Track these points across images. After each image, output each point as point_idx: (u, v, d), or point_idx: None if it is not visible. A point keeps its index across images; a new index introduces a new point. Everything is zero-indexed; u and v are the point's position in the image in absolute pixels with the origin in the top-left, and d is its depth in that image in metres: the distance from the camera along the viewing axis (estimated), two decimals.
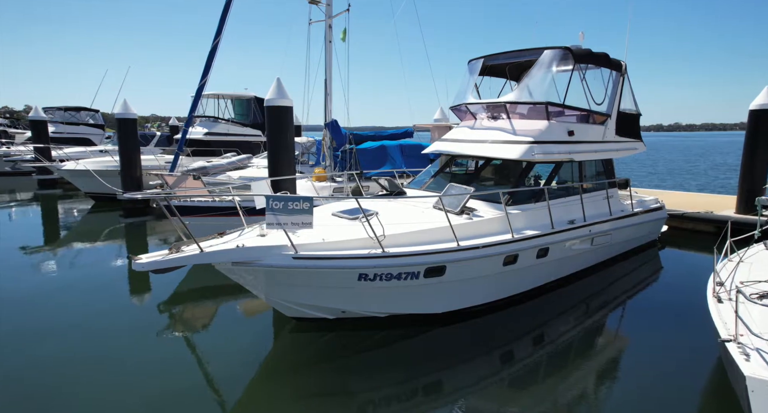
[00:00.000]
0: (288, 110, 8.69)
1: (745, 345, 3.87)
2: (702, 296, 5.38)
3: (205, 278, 9.42)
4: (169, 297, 8.42)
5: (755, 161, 11.88)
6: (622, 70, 9.24)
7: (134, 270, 5.10)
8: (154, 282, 9.21)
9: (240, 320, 7.58)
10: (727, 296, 5.10)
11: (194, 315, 7.70)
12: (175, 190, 9.84)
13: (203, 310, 7.91)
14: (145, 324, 7.15)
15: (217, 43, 10.31)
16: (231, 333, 6.93)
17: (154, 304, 8.08)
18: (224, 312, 7.84)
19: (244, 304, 8.07)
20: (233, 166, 16.32)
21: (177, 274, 9.83)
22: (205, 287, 8.95)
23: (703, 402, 5.25)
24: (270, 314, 7.70)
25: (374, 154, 12.40)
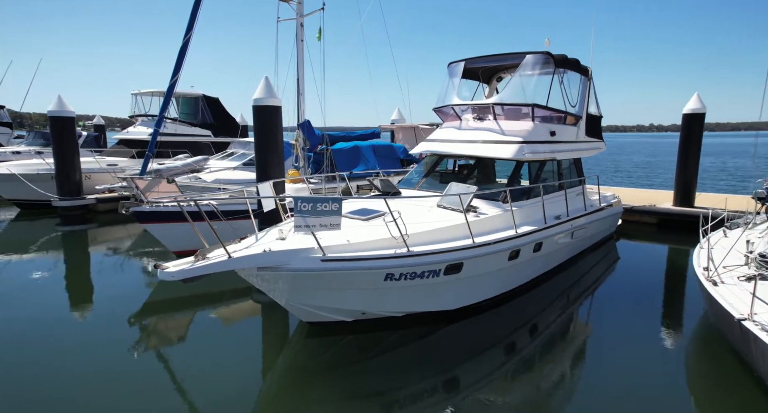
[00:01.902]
0: (277, 110, 8.41)
1: (762, 323, 4.38)
2: (657, 281, 5.95)
3: (170, 287, 8.86)
4: (139, 309, 7.86)
5: (688, 160, 13.34)
6: (589, 74, 9.99)
7: (161, 279, 4.73)
8: (115, 294, 8.56)
9: (227, 327, 7.25)
10: (719, 279, 5.71)
11: (169, 327, 7.22)
12: (183, 195, 9.17)
13: (180, 321, 7.44)
14: (118, 339, 6.59)
15: (188, 39, 9.70)
16: (229, 343, 6.59)
17: (123, 318, 7.42)
18: (207, 321, 7.45)
19: (226, 311, 7.76)
20: (189, 167, 15.43)
21: (140, 284, 9.18)
22: (176, 297, 8.43)
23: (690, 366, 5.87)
24: (257, 320, 7.52)
25: (348, 154, 12.33)
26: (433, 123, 15.11)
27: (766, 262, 5.93)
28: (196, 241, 9.90)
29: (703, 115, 13.08)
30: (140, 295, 8.57)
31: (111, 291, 8.72)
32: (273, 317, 7.60)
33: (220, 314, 7.66)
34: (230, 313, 7.70)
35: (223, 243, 5.06)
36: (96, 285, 9.12)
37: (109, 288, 8.87)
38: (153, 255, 10.89)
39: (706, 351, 6.45)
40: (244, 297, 8.28)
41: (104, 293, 8.61)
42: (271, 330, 7.17)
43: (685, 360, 6.13)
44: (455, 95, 9.41)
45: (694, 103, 13.08)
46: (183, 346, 6.58)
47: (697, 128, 13.12)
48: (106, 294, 8.57)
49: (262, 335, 6.99)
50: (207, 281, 9.34)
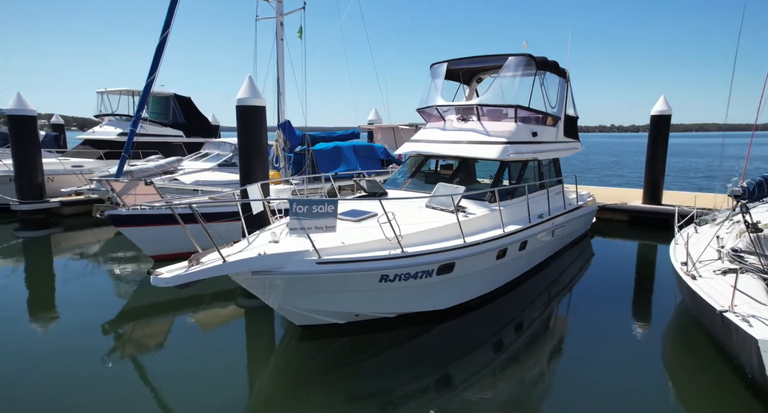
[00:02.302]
0: (261, 110, 8.26)
1: (742, 314, 4.63)
2: (630, 276, 6.18)
3: (147, 292, 8.60)
4: (114, 316, 7.54)
5: (656, 159, 13.92)
6: (567, 76, 10.28)
7: (156, 286, 4.57)
8: (86, 302, 8.17)
9: (210, 333, 7.04)
10: (697, 274, 5.99)
11: (147, 334, 6.95)
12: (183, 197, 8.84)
13: (158, 327, 7.18)
14: (91, 348, 6.28)
15: (165, 36, 9.37)
16: (213, 349, 6.39)
17: (95, 326, 7.07)
18: (188, 327, 7.23)
19: (208, 315, 7.55)
20: (162, 169, 14.95)
21: (113, 290, 8.84)
22: (154, 302, 8.15)
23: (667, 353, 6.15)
24: (241, 324, 7.38)
25: (329, 155, 12.24)
26: (413, 123, 15.21)
27: (738, 257, 6.26)
28: (175, 245, 9.74)
29: (669, 117, 13.68)
30: (114, 302, 8.24)
31: (81, 299, 8.31)
32: (259, 321, 7.46)
33: (202, 319, 7.45)
34: (213, 318, 7.49)
35: (218, 247, 4.93)
36: (64, 294, 8.62)
37: (79, 296, 8.44)
38: (125, 261, 10.49)
39: (681, 340, 6.77)
40: (228, 301, 8.10)
41: (74, 301, 8.18)
42: (257, 334, 7.04)
43: (662, 350, 6.41)
44: (439, 96, 9.49)
45: (661, 105, 13.67)
46: (163, 353, 6.34)
47: (663, 129, 13.72)
48: (76, 302, 8.15)
49: (249, 340, 6.84)
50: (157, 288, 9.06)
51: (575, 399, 5.14)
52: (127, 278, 9.47)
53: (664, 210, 13.28)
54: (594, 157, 55.77)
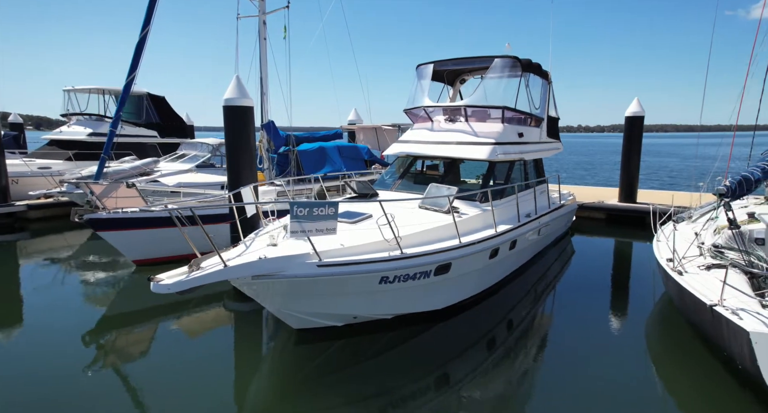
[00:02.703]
0: (249, 111, 8.09)
1: (731, 308, 4.84)
2: (610, 272, 6.39)
3: (129, 299, 8.35)
4: (94, 325, 7.23)
5: (631, 159, 14.41)
6: (549, 78, 10.52)
7: (157, 292, 4.43)
8: (62, 311, 7.80)
9: (197, 340, 6.86)
10: (683, 269, 6.23)
11: (131, 342, 6.70)
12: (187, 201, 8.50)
13: (142, 335, 6.94)
14: (72, 360, 5.98)
15: (145, 34, 9.06)
16: (201, 356, 6.20)
17: (75, 336, 6.74)
18: (174, 334, 7.01)
19: (194, 321, 7.35)
20: (137, 170, 14.49)
21: (91, 298, 8.50)
22: (136, 309, 7.89)
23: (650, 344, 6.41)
24: (229, 329, 7.25)
25: (314, 156, 12.12)
26: (395, 124, 15.25)
27: (719, 252, 6.54)
28: (158, 249, 9.47)
29: (642, 118, 14.19)
30: (93, 311, 7.92)
31: (57, 308, 7.92)
32: (248, 325, 7.34)
33: (188, 324, 7.24)
34: (200, 323, 7.31)
35: (219, 252, 4.82)
36: (36, 303, 8.19)
37: (53, 306, 8.03)
38: (101, 266, 10.11)
39: (664, 333, 7.04)
40: (214, 305, 7.93)
41: (48, 311, 7.78)
42: (248, 338, 6.91)
43: (646, 342, 6.67)
44: (426, 97, 9.54)
45: (635, 107, 14.15)
46: (148, 361, 6.12)
47: (637, 130, 14.21)
48: (51, 312, 7.75)
49: (239, 345, 6.69)
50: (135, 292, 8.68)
51: (571, 393, 5.27)
52: (104, 284, 9.13)
53: (639, 208, 13.76)
54: (568, 157, 57.35)
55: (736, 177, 6.54)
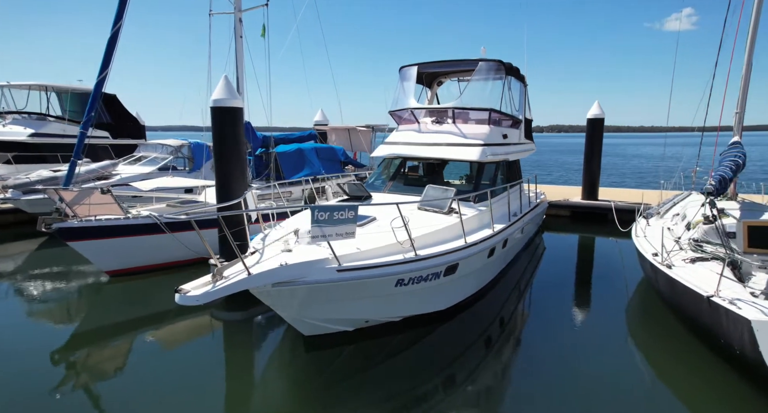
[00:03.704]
0: (239, 112, 7.77)
1: (727, 298, 5.24)
2: (581, 266, 6.80)
3: (102, 312, 7.81)
4: (65, 342, 6.68)
5: (593, 159, 15.23)
6: (525, 81, 10.91)
7: (184, 304, 4.18)
8: (23, 329, 7.19)
9: (186, 352, 6.51)
10: (670, 262, 6.68)
11: (105, 358, 6.28)
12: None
13: (118, 350, 6.50)
14: (39, 381, 5.51)
15: (117, 29, 8.43)
16: (190, 369, 5.91)
17: (42, 355, 6.20)
18: (155, 347, 6.59)
19: (179, 332, 7.00)
20: (94, 174, 13.56)
21: (56, 313, 7.84)
22: (111, 322, 7.38)
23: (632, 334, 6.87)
24: (217, 339, 7.00)
25: (292, 157, 11.84)
26: (369, 125, 15.20)
27: (699, 246, 7.07)
28: (134, 258, 8.92)
29: (602, 120, 15.03)
30: (61, 327, 7.29)
31: (17, 326, 7.26)
32: (240, 335, 7.08)
33: (172, 337, 6.85)
34: (186, 335, 6.94)
35: (242, 259, 4.61)
36: None
37: (13, 324, 7.34)
38: (63, 278, 9.35)
39: (646, 321, 7.58)
40: (200, 315, 7.57)
41: (10, 330, 7.10)
42: (243, 350, 6.64)
43: (628, 330, 7.18)
44: (412, 98, 9.60)
45: (596, 110, 14.98)
46: (126, 380, 5.67)
47: (598, 131, 15.04)
48: (11, 330, 7.09)
49: (234, 357, 6.41)
50: (149, 298, 8.30)
51: (570, 383, 5.54)
52: (74, 298, 8.45)
53: (601, 205, 14.57)
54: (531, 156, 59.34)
55: (716, 177, 7.09)
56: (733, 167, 7.66)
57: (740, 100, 9.27)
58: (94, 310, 8.02)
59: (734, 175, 7.61)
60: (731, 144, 9.05)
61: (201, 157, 15.56)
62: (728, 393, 5.30)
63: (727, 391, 5.33)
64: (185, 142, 16.27)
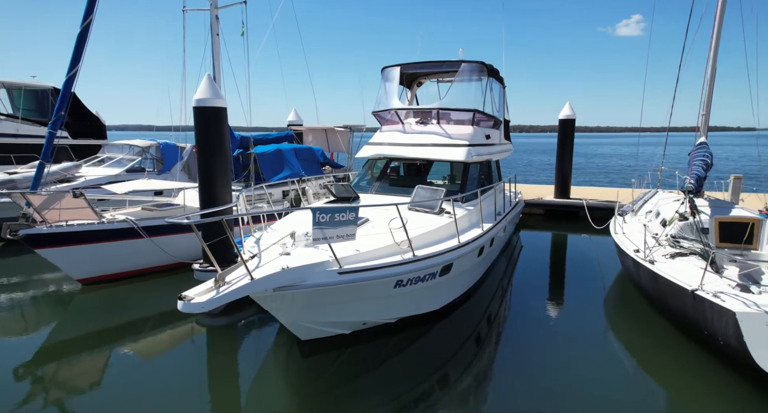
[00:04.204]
0: (222, 112, 7.51)
1: (710, 291, 5.50)
2: (556, 263, 7.68)
3: (73, 322, 7.42)
4: (32, 357, 6.28)
5: (564, 158, 15.70)
6: (504, 82, 11.11)
7: (190, 312, 4.00)
8: None
9: (169, 362, 6.26)
10: (652, 258, 6.96)
11: (76, 373, 5.88)
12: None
13: (93, 363, 6.12)
14: (6, 399, 5.15)
15: (88, 24, 7.95)
16: (173, 380, 5.68)
17: (5, 371, 5.85)
18: (134, 358, 6.28)
19: (159, 341, 6.72)
20: (56, 176, 12.82)
21: (21, 326, 7.37)
22: (81, 334, 6.98)
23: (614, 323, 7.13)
24: (200, 346, 6.78)
25: (271, 158, 11.59)
26: (347, 125, 15.07)
27: (676, 241, 7.40)
28: (108, 265, 8.48)
29: (573, 121, 15.52)
30: (28, 340, 6.85)
31: None
32: (227, 341, 6.86)
33: (153, 347, 6.56)
34: (167, 344, 6.66)
35: (245, 262, 4.45)
36: None
37: None
38: (28, 287, 8.80)
39: (624, 312, 7.93)
40: (180, 321, 7.30)
41: None
42: (231, 356, 6.43)
43: (608, 322, 7.52)
44: (396, 99, 9.60)
45: (567, 111, 15.45)
46: (102, 395, 5.38)
47: (570, 131, 15.53)
48: None
49: (219, 365, 6.19)
50: (126, 307, 7.93)
51: (559, 377, 5.72)
52: (38, 308, 7.96)
53: (574, 203, 15.04)
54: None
55: (693, 176, 7.44)
56: (704, 166, 8.07)
57: (705, 103, 9.78)
58: (64, 321, 7.57)
59: (706, 173, 8.01)
60: (698, 144, 9.53)
61: (171, 158, 15.02)
62: (709, 381, 5.58)
63: (708, 380, 5.61)
64: (153, 143, 15.65)
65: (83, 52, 7.97)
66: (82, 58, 7.95)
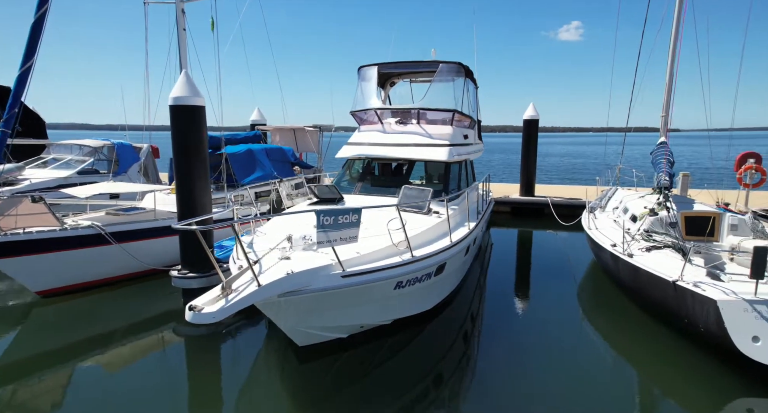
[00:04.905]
0: (201, 111, 7.11)
1: (690, 281, 5.83)
2: (521, 259, 8.95)
3: (24, 339, 6.84)
4: None
5: (529, 157, 16.20)
6: (477, 83, 11.30)
7: (203, 323, 3.76)
8: None
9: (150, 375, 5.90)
10: (630, 252, 7.29)
11: (35, 394, 5.42)
12: None
13: (52, 383, 5.63)
14: None
15: (43, 13, 7.25)
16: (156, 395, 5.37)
17: None
18: (102, 374, 5.87)
19: (127, 354, 6.30)
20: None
21: None
22: (38, 352, 6.41)
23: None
24: (179, 357, 6.50)
25: (243, 159, 11.16)
26: (316, 125, 14.76)
27: (649, 235, 7.80)
28: (72, 275, 7.85)
29: (537, 121, 16.06)
30: None
31: None
32: (209, 352, 6.52)
33: (126, 361, 6.14)
34: (141, 357, 6.26)
35: (252, 266, 4.22)
36: None
37: None
38: None
39: (598, 302, 8.39)
40: (153, 331, 6.94)
41: None
42: (215, 367, 6.12)
43: (579, 305, 8.05)
44: (375, 98, 9.52)
45: (531, 111, 15.97)
46: None
47: (534, 131, 16.05)
48: None
49: (204, 377, 5.87)
50: (91, 319, 7.38)
51: (541, 365, 5.99)
52: None
53: (538, 201, 15.56)
54: None
55: (666, 174, 7.87)
56: (669, 165, 8.56)
57: (665, 105, 10.40)
58: (20, 339, 6.87)
59: (672, 170, 8.51)
60: (659, 144, 10.12)
61: (127, 160, 14.18)
62: (687, 365, 5.95)
63: (686, 364, 5.97)
64: (107, 143, 14.70)
65: (38, 45, 7.28)
66: (37, 52, 7.27)
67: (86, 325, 7.18)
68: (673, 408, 5.22)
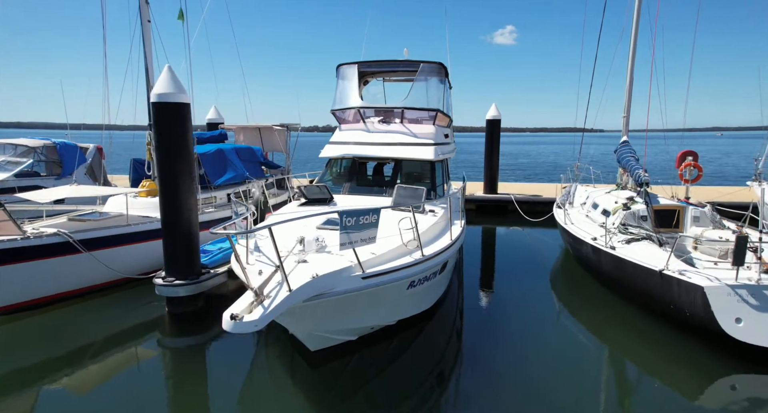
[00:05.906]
0: (186, 108, 6.64)
1: (676, 270, 6.27)
2: (492, 254, 9.56)
3: None
4: None
5: (492, 156, 16.70)
6: (450, 84, 11.47)
7: (245, 332, 3.54)
8: None
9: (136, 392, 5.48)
10: (611, 244, 7.72)
11: None
12: None
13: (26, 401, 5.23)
14: None
15: None
16: None
17: None
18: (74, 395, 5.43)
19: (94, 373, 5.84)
20: None
21: None
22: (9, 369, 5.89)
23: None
24: (168, 366, 6.21)
25: (214, 159, 10.59)
26: (283, 123, 14.30)
27: (625, 229, 8.30)
28: (35, 289, 7.15)
29: (499, 121, 16.59)
30: None
31: None
32: (195, 364, 6.23)
33: (103, 378, 5.70)
34: (120, 374, 5.81)
35: (284, 272, 4.02)
36: None
37: None
38: None
39: (575, 292, 8.87)
40: (130, 343, 6.52)
41: None
42: (201, 380, 5.83)
43: (556, 295, 8.58)
44: (357, 97, 9.40)
45: (493, 112, 16.47)
46: None
47: (496, 131, 16.56)
48: None
49: (196, 392, 5.53)
50: (58, 335, 6.84)
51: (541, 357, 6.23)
52: None
53: (503, 198, 16.09)
54: None
55: (639, 170, 8.39)
56: (636, 161, 9.16)
57: (626, 106, 11.11)
58: None
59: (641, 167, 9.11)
60: (622, 143, 10.79)
61: (72, 161, 13.03)
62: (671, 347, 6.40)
63: (669, 346, 6.42)
64: (46, 142, 13.47)
65: None
66: None
67: (57, 342, 6.55)
68: (660, 387, 5.57)
